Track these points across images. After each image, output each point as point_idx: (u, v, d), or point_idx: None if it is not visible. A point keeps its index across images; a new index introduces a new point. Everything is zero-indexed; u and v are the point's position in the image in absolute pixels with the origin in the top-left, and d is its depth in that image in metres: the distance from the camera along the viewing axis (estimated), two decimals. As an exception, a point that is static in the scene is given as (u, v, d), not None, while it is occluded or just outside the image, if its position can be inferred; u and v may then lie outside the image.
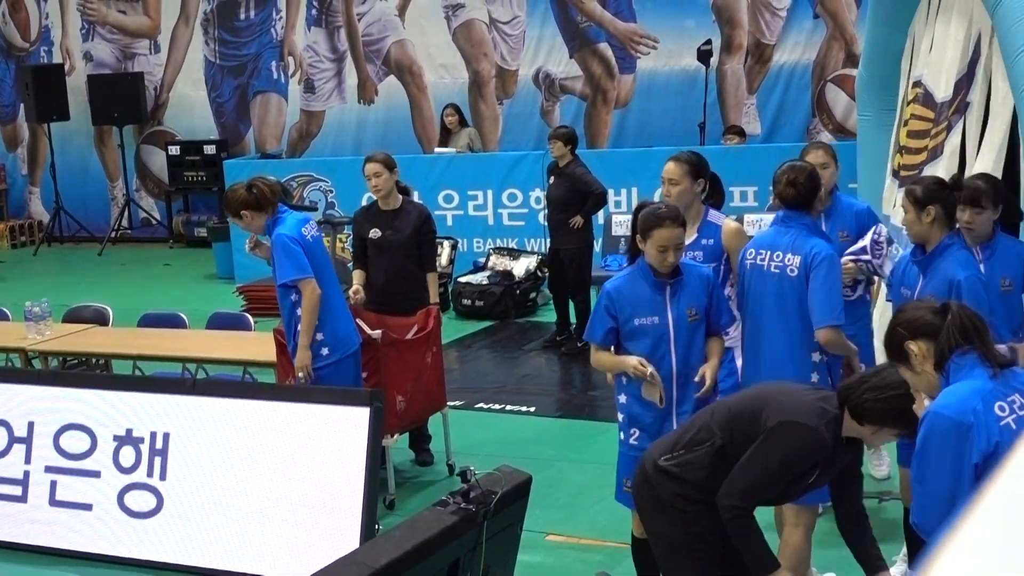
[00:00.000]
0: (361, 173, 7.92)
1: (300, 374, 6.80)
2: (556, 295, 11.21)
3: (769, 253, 5.60)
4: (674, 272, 5.32)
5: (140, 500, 6.94)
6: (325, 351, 6.83)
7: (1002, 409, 3.66)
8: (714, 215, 6.02)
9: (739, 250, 5.78)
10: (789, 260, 5.53)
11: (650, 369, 5.24)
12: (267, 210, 6.81)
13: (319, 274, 6.77)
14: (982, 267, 5.49)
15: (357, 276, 7.87)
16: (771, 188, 6.13)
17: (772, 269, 5.57)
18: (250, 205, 6.80)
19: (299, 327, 6.77)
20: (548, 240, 11.39)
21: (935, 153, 8.11)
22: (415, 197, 8.83)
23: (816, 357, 5.56)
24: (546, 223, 11.58)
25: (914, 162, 8.49)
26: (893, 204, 8.56)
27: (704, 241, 5.90)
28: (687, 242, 5.57)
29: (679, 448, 4.52)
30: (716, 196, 6.28)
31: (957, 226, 5.47)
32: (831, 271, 5.50)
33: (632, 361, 5.26)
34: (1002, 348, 4.13)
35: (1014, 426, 3.64)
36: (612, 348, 5.44)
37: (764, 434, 4.32)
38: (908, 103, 8.92)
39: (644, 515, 4.76)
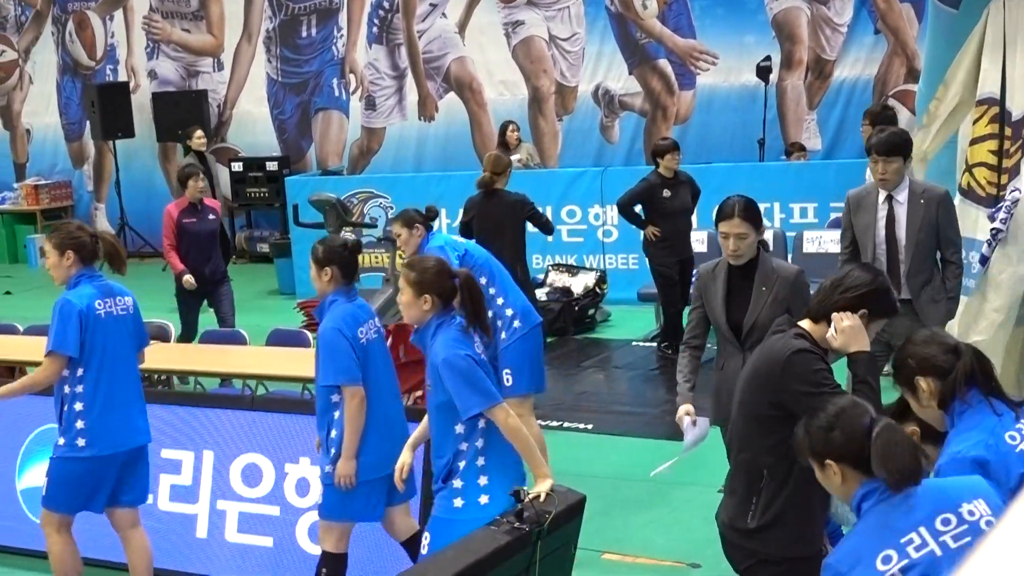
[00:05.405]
0: (420, 191, 7.95)
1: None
2: (671, 305, 11.01)
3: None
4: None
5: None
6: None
7: (1012, 438, 3.64)
8: None
9: None
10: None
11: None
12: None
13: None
14: None
15: None
16: None
17: None
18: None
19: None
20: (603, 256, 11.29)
21: (1015, 172, 8.04)
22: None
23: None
24: (656, 238, 10.89)
25: (996, 180, 8.40)
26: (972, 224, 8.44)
27: None
28: None
29: (751, 498, 4.31)
30: None
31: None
32: None
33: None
34: None
35: None
36: None
37: (781, 395, 4.15)
38: (976, 121, 8.82)
39: None
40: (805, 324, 4.30)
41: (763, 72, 14.11)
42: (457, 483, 5.12)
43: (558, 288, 12.58)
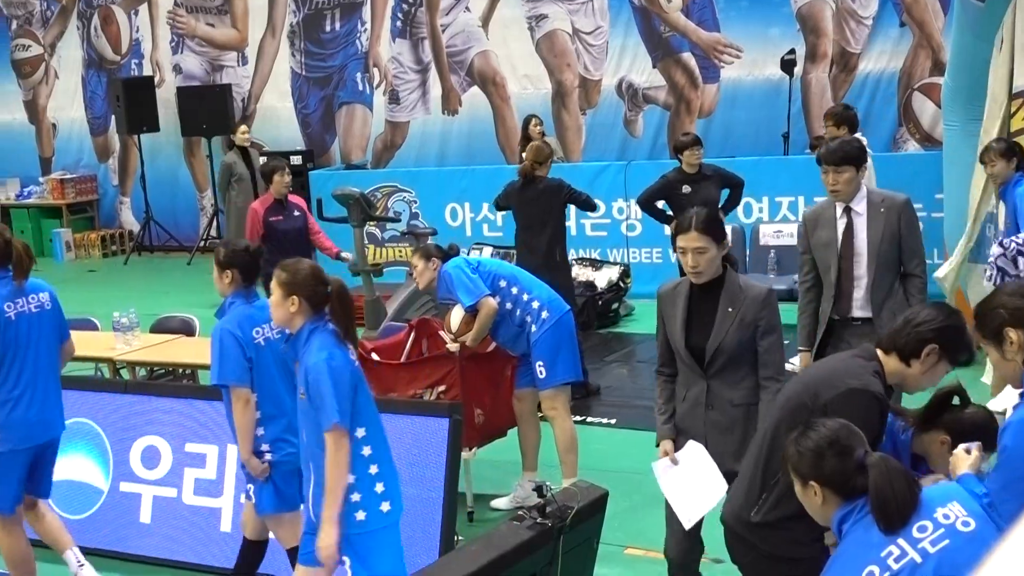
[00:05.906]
0: (444, 185, 7.93)
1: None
2: None
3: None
4: None
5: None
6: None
7: None
8: None
9: None
10: None
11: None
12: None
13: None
14: None
15: None
16: None
17: None
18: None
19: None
20: (627, 250, 11.24)
21: None
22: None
23: None
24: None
25: None
26: None
27: None
28: None
29: (762, 493, 4.29)
30: None
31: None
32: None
33: None
34: None
35: None
36: None
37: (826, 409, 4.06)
38: (1014, 114, 8.79)
39: (753, 572, 4.49)
40: (880, 354, 4.18)
41: (787, 65, 14.06)
42: (355, 496, 5.06)
43: (582, 282, 12.55)
